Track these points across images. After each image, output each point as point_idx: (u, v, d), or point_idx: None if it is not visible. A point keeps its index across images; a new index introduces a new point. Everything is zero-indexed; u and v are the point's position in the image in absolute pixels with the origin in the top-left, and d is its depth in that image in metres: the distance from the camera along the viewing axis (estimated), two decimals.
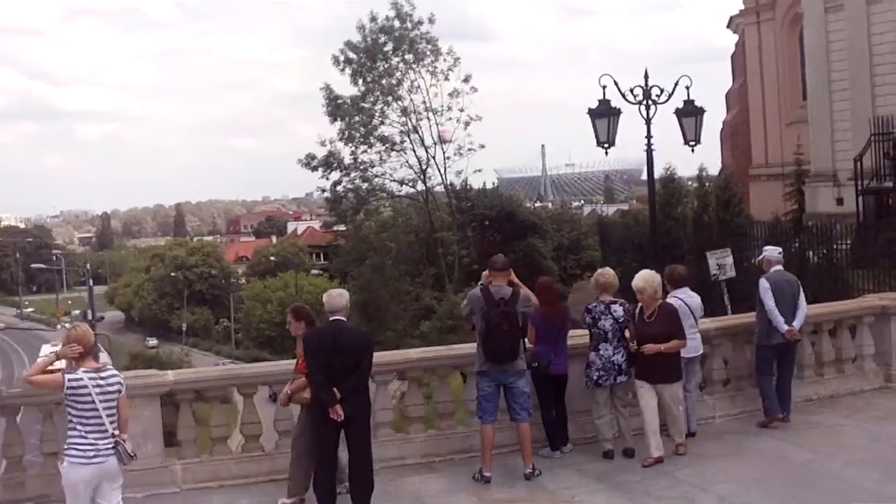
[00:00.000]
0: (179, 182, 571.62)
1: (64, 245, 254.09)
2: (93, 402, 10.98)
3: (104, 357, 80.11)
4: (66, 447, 11.16)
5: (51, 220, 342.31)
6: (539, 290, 15.40)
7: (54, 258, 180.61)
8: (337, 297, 13.43)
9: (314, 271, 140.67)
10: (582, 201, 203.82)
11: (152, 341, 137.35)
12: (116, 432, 11.10)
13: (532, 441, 14.79)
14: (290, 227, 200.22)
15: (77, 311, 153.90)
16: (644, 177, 33.12)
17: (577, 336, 15.94)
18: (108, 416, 11.05)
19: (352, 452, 13.17)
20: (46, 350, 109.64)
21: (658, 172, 78.82)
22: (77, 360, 11.24)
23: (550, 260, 77.08)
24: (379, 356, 16.79)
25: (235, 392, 15.68)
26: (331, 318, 13.27)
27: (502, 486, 14.20)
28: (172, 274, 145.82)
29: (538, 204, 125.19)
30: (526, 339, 14.87)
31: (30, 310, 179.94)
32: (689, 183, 63.72)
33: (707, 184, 53.83)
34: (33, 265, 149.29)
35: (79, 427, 11.02)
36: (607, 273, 15.63)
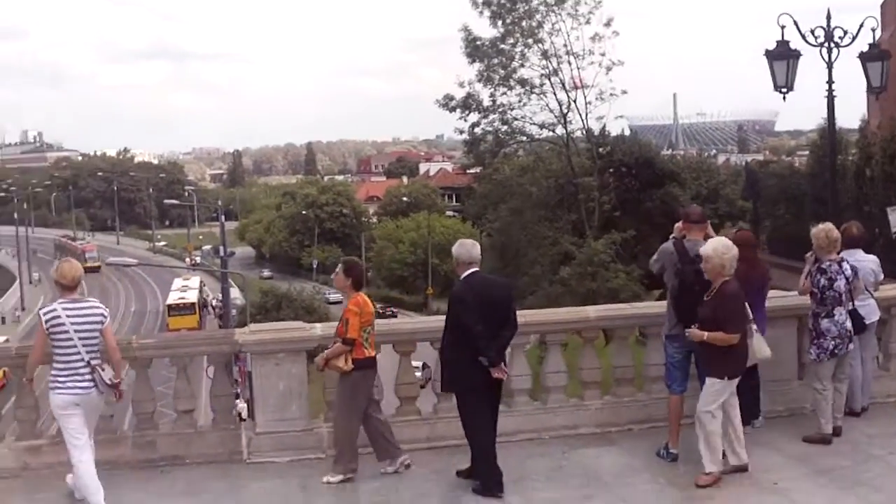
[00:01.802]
0: (310, 122, 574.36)
1: (196, 181, 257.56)
2: (68, 332, 11.21)
3: (235, 293, 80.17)
4: (50, 379, 11.36)
5: (183, 157, 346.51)
6: (737, 246, 13.62)
7: (186, 194, 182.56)
8: (473, 246, 12.25)
9: (448, 213, 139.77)
10: (714, 151, 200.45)
11: (266, 272, 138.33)
12: (94, 362, 11.30)
13: None
14: (422, 168, 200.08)
15: (208, 246, 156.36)
16: (778, 128, 31.23)
17: (775, 297, 14.27)
18: (84, 346, 11.27)
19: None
20: (178, 284, 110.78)
21: (815, 122, 76.79)
22: (60, 293, 11.57)
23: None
24: (552, 314, 15.52)
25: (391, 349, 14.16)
26: (470, 270, 12.04)
27: (689, 463, 12.35)
28: (304, 212, 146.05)
29: (669, 152, 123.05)
30: None
31: (162, 244, 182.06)
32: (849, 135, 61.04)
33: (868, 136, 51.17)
34: (166, 200, 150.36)
35: (60, 358, 11.31)
36: (833, 227, 13.67)
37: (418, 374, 22.99)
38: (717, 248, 12.14)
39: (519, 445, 13.30)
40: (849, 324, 13.27)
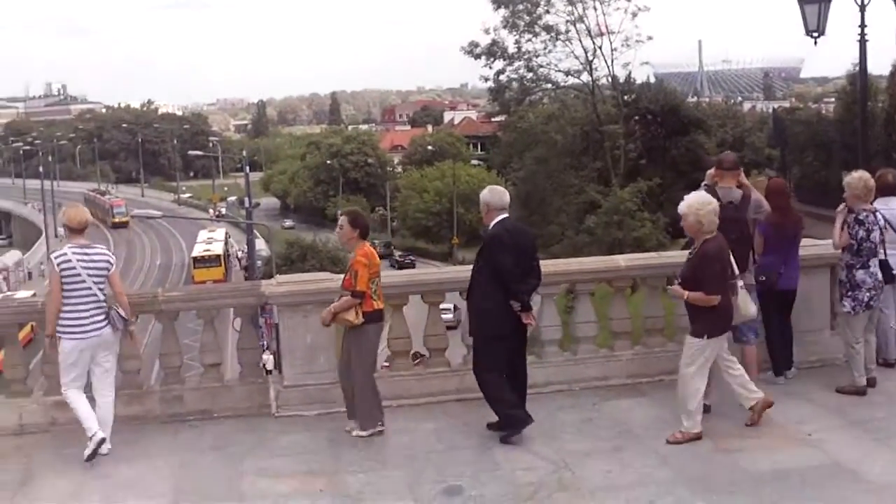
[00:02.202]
0: (334, 71, 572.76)
1: (220, 132, 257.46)
2: (80, 275, 11.42)
3: (260, 244, 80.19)
4: (60, 324, 11.46)
5: (207, 108, 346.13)
6: (770, 194, 13.34)
7: (211, 145, 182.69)
8: (504, 193, 12.08)
9: (473, 161, 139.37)
10: (740, 98, 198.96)
11: (287, 222, 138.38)
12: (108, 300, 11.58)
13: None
14: (447, 116, 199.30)
15: (233, 198, 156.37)
16: (804, 75, 30.78)
17: (808, 246, 14.04)
18: (98, 287, 11.50)
19: (519, 372, 12.11)
20: (204, 236, 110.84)
21: (841, 69, 76.19)
22: (68, 238, 11.83)
23: (714, 157, 74.63)
24: (582, 263, 15.40)
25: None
26: (501, 216, 11.89)
27: (721, 415, 12.16)
28: (328, 162, 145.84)
29: (695, 99, 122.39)
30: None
31: (187, 195, 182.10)
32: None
33: None
34: (190, 152, 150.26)
35: (72, 302, 11.45)
36: (869, 175, 13.38)
37: (449, 315, 22.91)
38: (692, 203, 11.66)
39: (550, 397, 13.18)
40: (880, 274, 13.06)
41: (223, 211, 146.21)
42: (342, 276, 12.42)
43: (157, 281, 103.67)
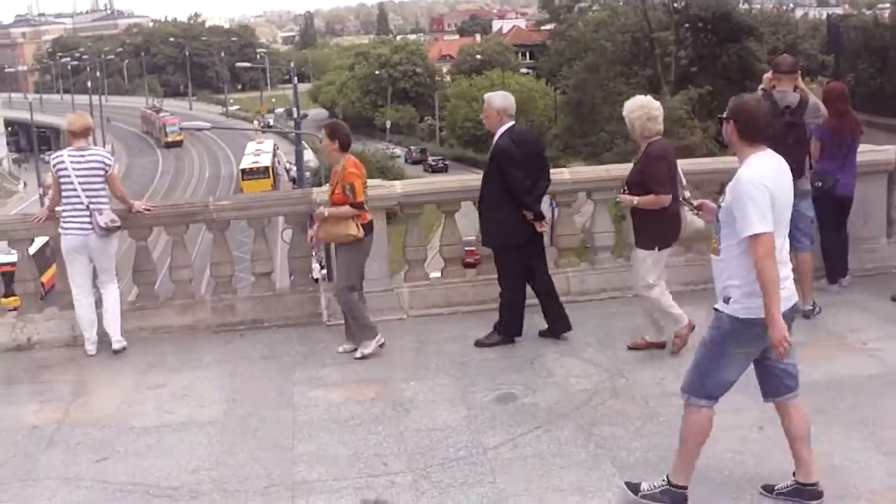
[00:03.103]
0: None
1: (267, 44, 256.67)
2: (70, 178, 12.04)
3: (308, 155, 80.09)
4: (61, 223, 12.24)
5: (254, 20, 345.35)
6: (828, 98, 13.08)
7: (258, 57, 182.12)
8: (509, 99, 11.95)
9: (522, 70, 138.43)
10: (791, 4, 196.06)
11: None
12: (93, 206, 12.04)
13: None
14: (495, 25, 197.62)
15: (281, 109, 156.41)
16: None
17: (866, 152, 13.69)
18: (84, 191, 12.01)
19: (544, 281, 12.14)
20: (252, 148, 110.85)
21: None
22: (69, 142, 12.39)
23: (766, 64, 73.56)
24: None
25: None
26: (509, 123, 11.78)
27: None
28: (376, 72, 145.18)
29: (745, 6, 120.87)
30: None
31: (235, 108, 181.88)
32: None
33: None
34: (238, 64, 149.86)
35: (64, 202, 12.19)
36: None
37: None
38: (627, 107, 11.26)
39: (603, 304, 13.22)
40: None
41: (271, 122, 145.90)
42: (393, 182, 12.41)
43: (206, 192, 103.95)
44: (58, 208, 12.45)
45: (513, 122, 11.81)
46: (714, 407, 7.89)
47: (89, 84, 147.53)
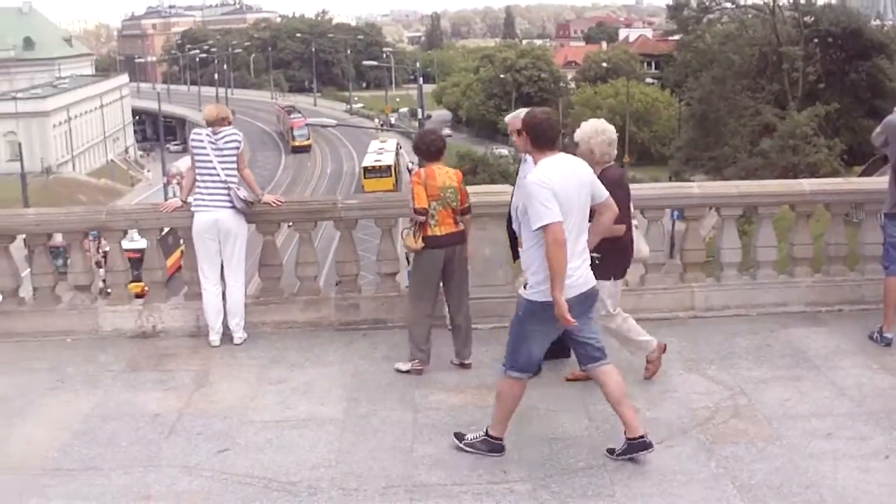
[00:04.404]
0: None
1: (393, 43, 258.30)
2: (208, 155, 12.34)
3: None
4: (193, 200, 12.57)
5: (381, 19, 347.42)
6: None
7: (384, 56, 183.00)
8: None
9: (647, 80, 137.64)
10: None
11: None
12: (233, 181, 12.38)
13: None
14: (622, 33, 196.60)
15: (405, 109, 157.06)
16: None
17: None
18: (222, 168, 12.34)
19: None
20: (375, 146, 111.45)
21: None
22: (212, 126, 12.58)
23: None
24: (765, 185, 15.16)
25: None
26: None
27: None
28: (501, 76, 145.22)
29: (877, 23, 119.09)
30: None
31: (359, 105, 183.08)
32: None
33: None
34: (363, 62, 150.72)
35: (200, 180, 12.46)
36: None
37: None
38: (584, 131, 10.79)
39: (727, 321, 13.02)
40: None
41: (393, 121, 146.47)
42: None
43: (327, 189, 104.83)
44: (191, 198, 12.67)
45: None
46: (525, 379, 9.22)
47: (216, 76, 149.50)
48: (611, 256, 10.43)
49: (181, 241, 13.54)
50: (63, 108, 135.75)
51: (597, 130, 10.74)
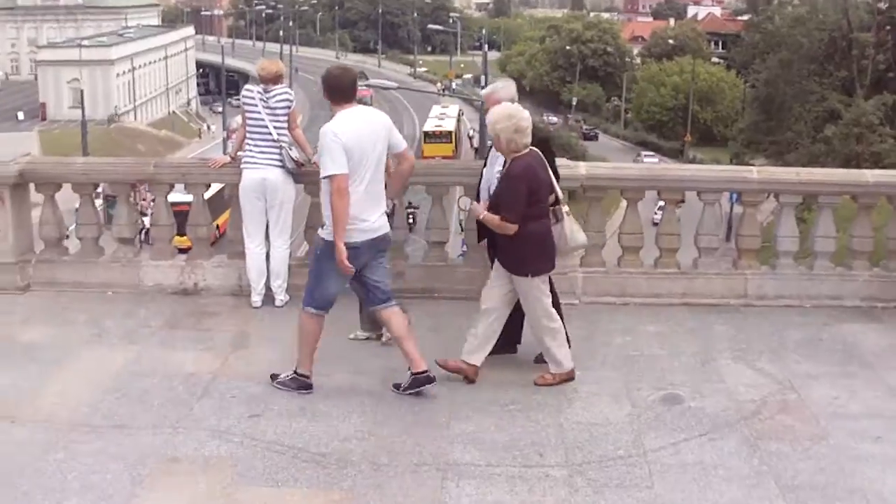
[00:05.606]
0: None
1: (461, 9, 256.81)
2: (259, 113, 12.24)
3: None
4: (243, 158, 12.46)
5: None
6: None
7: (450, 21, 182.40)
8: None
9: (713, 59, 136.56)
10: None
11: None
12: (285, 140, 12.28)
13: None
14: (690, 11, 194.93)
15: (469, 75, 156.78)
16: None
17: None
18: (274, 126, 12.23)
19: None
20: (437, 111, 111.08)
21: None
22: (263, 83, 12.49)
23: None
24: (828, 174, 14.83)
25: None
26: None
27: None
28: (567, 47, 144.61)
29: None
30: None
31: (423, 69, 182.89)
32: None
33: None
34: (429, 26, 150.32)
35: (251, 137, 12.36)
36: None
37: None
38: (491, 115, 10.11)
39: (779, 311, 12.68)
40: None
41: (454, 87, 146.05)
42: (578, 163, 12.03)
43: None
44: (240, 153, 12.61)
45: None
46: (323, 315, 9.81)
47: (281, 33, 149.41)
48: (522, 250, 10.00)
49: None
50: (127, 58, 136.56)
51: (503, 116, 9.93)
